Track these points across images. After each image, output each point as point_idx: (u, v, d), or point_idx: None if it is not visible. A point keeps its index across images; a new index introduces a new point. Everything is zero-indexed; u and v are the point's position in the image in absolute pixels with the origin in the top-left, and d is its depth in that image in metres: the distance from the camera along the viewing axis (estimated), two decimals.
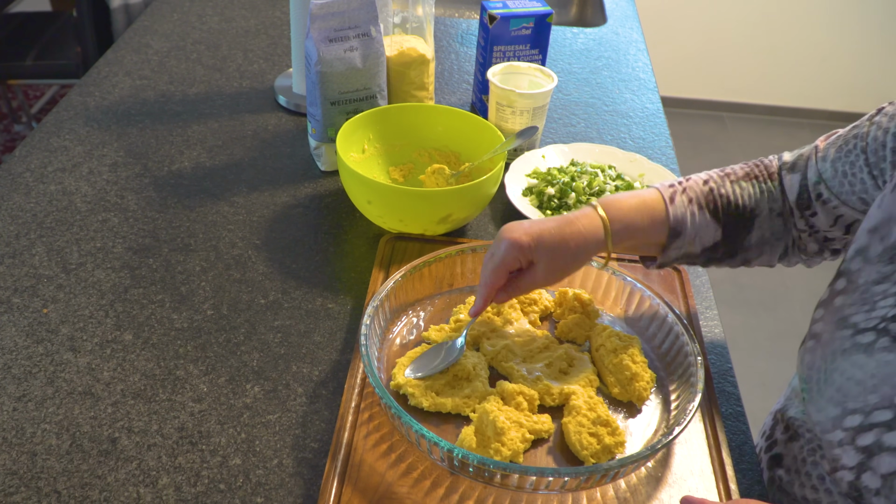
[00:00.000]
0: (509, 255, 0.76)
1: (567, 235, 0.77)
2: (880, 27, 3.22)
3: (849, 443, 0.66)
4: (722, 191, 0.81)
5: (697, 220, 0.80)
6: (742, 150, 3.30)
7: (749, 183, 0.82)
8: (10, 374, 0.80)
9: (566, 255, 0.77)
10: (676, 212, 0.79)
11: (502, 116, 1.14)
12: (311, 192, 1.09)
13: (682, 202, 0.80)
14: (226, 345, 0.85)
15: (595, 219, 0.78)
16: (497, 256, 0.77)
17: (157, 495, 0.70)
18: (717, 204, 0.80)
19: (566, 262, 0.78)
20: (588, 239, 0.77)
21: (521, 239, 0.76)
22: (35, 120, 2.97)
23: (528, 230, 0.76)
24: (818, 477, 0.72)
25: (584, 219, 0.78)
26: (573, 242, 0.77)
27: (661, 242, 0.80)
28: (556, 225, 0.77)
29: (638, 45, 1.58)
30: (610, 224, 0.77)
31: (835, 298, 0.70)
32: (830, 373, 0.68)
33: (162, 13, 1.56)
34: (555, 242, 0.76)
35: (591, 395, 0.78)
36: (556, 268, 0.78)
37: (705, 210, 0.80)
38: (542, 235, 0.76)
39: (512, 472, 0.66)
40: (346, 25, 1.03)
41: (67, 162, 1.12)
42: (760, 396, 2.19)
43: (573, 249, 0.77)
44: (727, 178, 0.82)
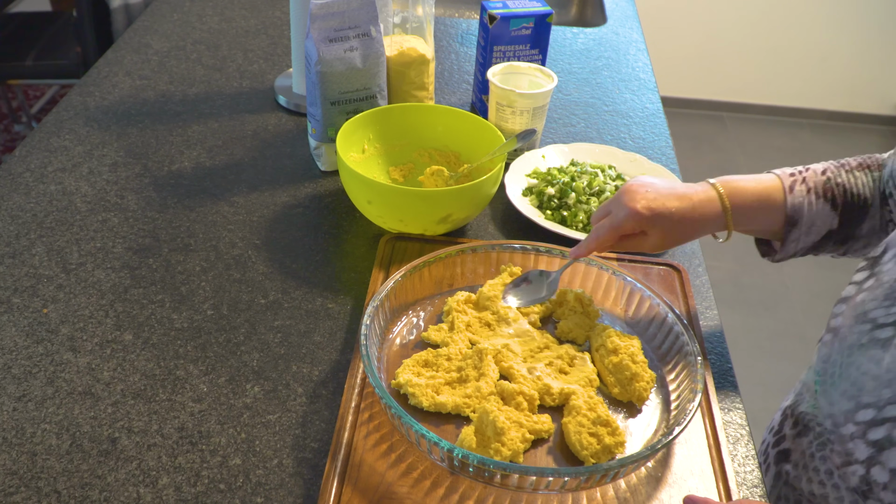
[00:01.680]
0: (627, 223, 0.80)
1: (686, 215, 0.80)
2: (880, 27, 3.22)
3: (860, 437, 0.66)
4: (839, 180, 0.82)
5: (815, 208, 0.81)
6: (742, 150, 3.30)
7: (862, 172, 0.83)
8: (10, 374, 0.80)
9: (681, 233, 0.81)
10: (794, 201, 0.81)
11: (502, 116, 1.14)
12: (311, 192, 1.09)
13: (800, 191, 0.82)
14: (226, 345, 0.85)
15: (715, 200, 0.80)
16: (616, 220, 0.80)
17: (157, 495, 0.70)
18: (834, 192, 0.82)
19: (679, 238, 0.82)
20: (706, 221, 0.81)
21: (642, 212, 0.79)
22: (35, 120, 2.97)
23: (651, 203, 0.79)
24: (826, 472, 0.72)
25: (704, 198, 0.80)
26: (690, 223, 0.80)
27: (778, 230, 0.83)
28: (676, 201, 0.80)
29: (638, 45, 1.58)
30: (731, 207, 0.80)
31: (858, 295, 0.71)
32: (846, 367, 0.68)
33: (162, 13, 1.56)
34: (673, 221, 0.80)
35: (591, 395, 0.78)
36: (668, 242, 0.83)
37: (822, 199, 0.82)
38: (661, 212, 0.79)
39: (512, 472, 0.66)
40: (346, 25, 1.03)
41: (67, 162, 1.12)
42: (760, 396, 2.19)
43: (689, 230, 0.81)
44: (842, 168, 0.84)
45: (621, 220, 0.80)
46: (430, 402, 0.76)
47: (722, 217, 0.81)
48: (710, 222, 0.81)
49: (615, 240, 0.82)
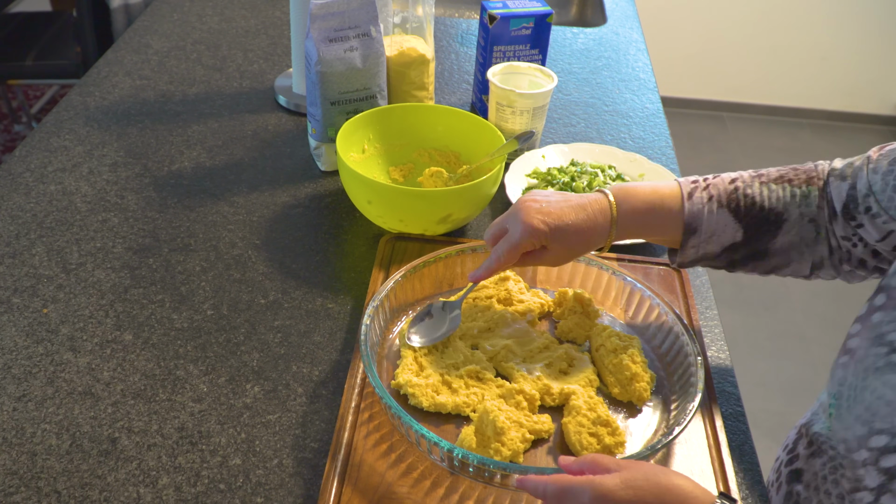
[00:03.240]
0: (526, 239, 0.78)
1: (582, 225, 0.78)
2: (880, 27, 3.22)
3: (872, 463, 0.64)
4: (748, 191, 0.80)
5: (715, 217, 0.79)
6: (742, 150, 3.30)
7: (780, 186, 0.80)
8: (10, 374, 0.80)
9: (580, 243, 0.80)
10: (693, 208, 0.79)
11: (502, 116, 1.14)
12: (311, 192, 1.09)
13: (700, 198, 0.80)
14: (226, 345, 0.85)
15: (606, 208, 0.79)
16: (513, 239, 0.78)
17: (157, 495, 0.70)
18: (739, 203, 0.79)
19: (579, 249, 0.81)
20: (600, 229, 0.79)
21: (539, 227, 0.77)
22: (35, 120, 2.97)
23: (546, 217, 0.78)
24: (838, 496, 0.70)
25: (596, 206, 0.79)
26: (587, 232, 0.79)
27: (677, 238, 0.81)
28: (573, 212, 0.79)
29: (638, 45, 1.58)
30: (618, 216, 0.79)
31: (873, 314, 0.68)
32: (861, 390, 0.66)
33: (162, 13, 1.56)
34: (571, 232, 0.78)
35: (591, 395, 0.78)
36: (568, 255, 0.82)
37: (725, 208, 0.79)
38: (560, 226, 0.78)
39: (512, 472, 0.66)
40: (346, 25, 1.03)
41: (67, 162, 1.12)
42: (760, 396, 2.19)
43: (586, 239, 0.79)
44: (758, 178, 0.81)
45: (519, 238, 0.78)
46: (430, 403, 0.76)
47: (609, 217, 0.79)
48: (603, 227, 0.79)
49: (515, 258, 0.80)
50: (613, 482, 0.59)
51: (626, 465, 0.61)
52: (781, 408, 2.15)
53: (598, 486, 0.59)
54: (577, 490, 0.59)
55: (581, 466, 0.62)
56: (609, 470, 0.60)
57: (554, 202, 0.79)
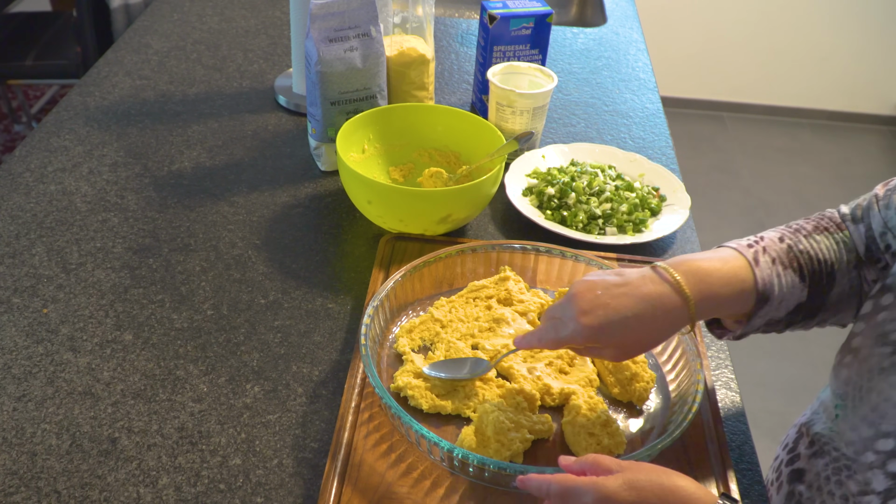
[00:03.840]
0: (576, 338, 0.68)
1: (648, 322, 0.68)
2: (880, 27, 3.22)
3: (879, 467, 0.64)
4: (801, 247, 0.73)
5: (783, 281, 0.72)
6: (742, 150, 3.30)
7: (822, 235, 0.75)
8: (10, 374, 0.80)
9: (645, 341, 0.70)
10: (764, 275, 0.71)
11: (502, 116, 1.14)
12: (311, 192, 1.09)
13: (766, 263, 0.72)
14: (226, 345, 0.85)
15: (676, 299, 0.68)
16: (563, 334, 0.69)
17: (157, 495, 0.70)
18: (800, 261, 0.72)
19: (643, 347, 0.71)
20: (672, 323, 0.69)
21: (594, 325, 0.67)
22: (35, 120, 2.97)
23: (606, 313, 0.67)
24: (841, 497, 0.69)
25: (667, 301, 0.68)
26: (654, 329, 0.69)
27: (747, 311, 0.72)
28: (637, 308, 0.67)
29: (638, 45, 1.58)
30: (694, 300, 0.68)
31: (879, 314, 0.67)
32: (867, 391, 0.65)
33: (162, 13, 1.56)
34: (634, 331, 0.68)
35: (591, 395, 0.78)
36: (629, 353, 0.71)
37: (790, 269, 0.72)
38: (619, 323, 0.67)
39: (512, 472, 0.66)
40: (346, 25, 1.03)
41: (67, 162, 1.12)
42: (760, 396, 2.19)
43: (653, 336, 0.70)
44: (799, 233, 0.75)
45: (569, 335, 0.68)
46: (429, 405, 0.76)
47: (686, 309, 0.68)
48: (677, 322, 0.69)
49: (556, 349, 0.73)
50: (616, 483, 0.59)
51: (628, 465, 0.61)
52: (781, 408, 2.15)
53: (601, 488, 0.58)
54: (581, 491, 0.59)
55: (582, 467, 0.62)
56: (610, 471, 0.60)
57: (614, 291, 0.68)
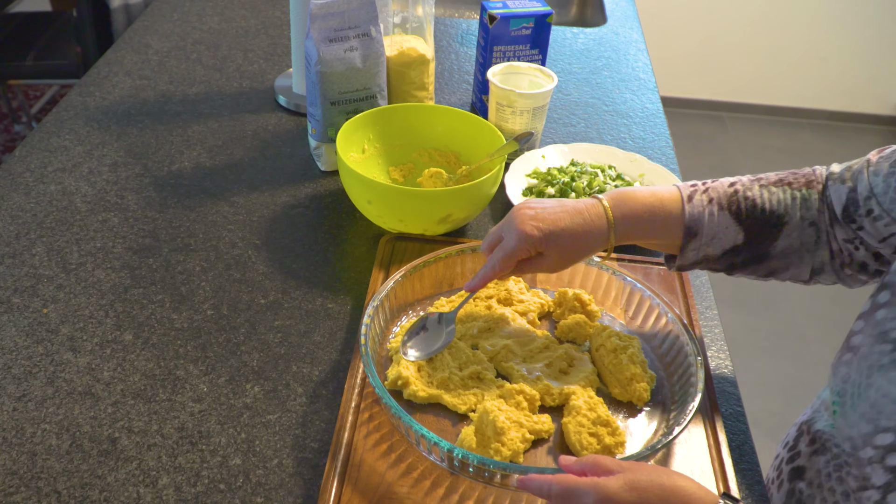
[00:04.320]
0: (520, 246, 0.77)
1: (578, 229, 0.78)
2: (880, 27, 3.22)
3: (878, 461, 0.64)
4: (748, 193, 0.79)
5: (717, 219, 0.78)
6: (742, 150, 3.30)
7: (780, 188, 0.79)
8: (10, 374, 0.80)
9: (576, 248, 0.79)
10: (693, 210, 0.78)
11: (502, 116, 1.14)
12: (311, 192, 1.09)
13: (700, 201, 0.78)
14: (226, 345, 0.85)
15: (602, 212, 0.78)
16: (507, 247, 0.78)
17: (157, 495, 0.70)
18: (740, 206, 0.78)
19: (576, 255, 0.80)
20: (597, 233, 0.78)
21: (532, 233, 0.77)
22: (35, 120, 2.97)
23: (541, 223, 0.77)
24: (842, 493, 0.70)
25: (592, 210, 0.78)
26: (583, 236, 0.78)
27: (678, 243, 0.79)
28: (567, 217, 0.78)
29: (638, 45, 1.58)
30: (615, 220, 0.78)
31: (876, 311, 0.67)
32: (866, 388, 0.66)
33: (162, 13, 1.56)
34: (566, 237, 0.77)
35: (591, 395, 0.78)
36: (565, 260, 0.80)
37: (726, 210, 0.78)
38: (554, 231, 0.77)
39: (512, 472, 0.66)
40: (346, 25, 1.03)
41: (67, 162, 1.12)
42: (760, 396, 2.19)
43: (583, 244, 0.78)
44: (757, 182, 0.80)
45: (514, 245, 0.78)
46: (426, 394, 0.76)
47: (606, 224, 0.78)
48: (600, 231, 0.78)
49: (511, 266, 0.80)
50: (617, 484, 0.59)
51: (629, 466, 0.61)
52: (781, 408, 2.15)
53: (601, 488, 0.58)
54: (582, 491, 0.59)
55: (582, 467, 0.62)
56: (611, 471, 0.60)
57: (549, 208, 0.79)
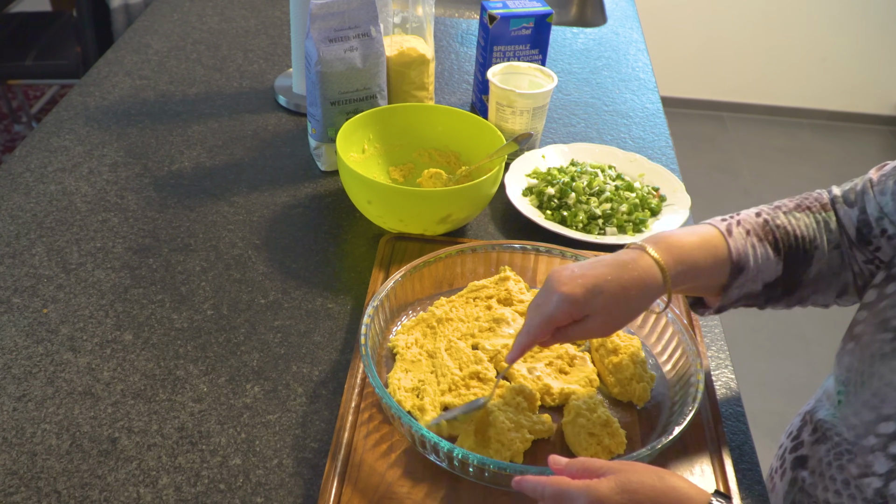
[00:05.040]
0: (561, 310, 0.68)
1: (626, 283, 0.69)
2: (880, 27, 3.22)
3: (881, 449, 0.64)
4: (777, 222, 0.75)
5: (759, 252, 0.73)
6: (742, 150, 3.30)
7: (803, 213, 0.76)
8: (10, 374, 0.80)
9: (627, 306, 0.70)
10: (737, 245, 0.73)
11: (502, 116, 1.14)
12: (311, 192, 1.09)
13: (740, 234, 0.74)
14: (226, 345, 0.85)
15: (649, 261, 0.70)
16: (547, 310, 0.69)
17: (157, 495, 0.70)
18: (775, 235, 0.74)
19: (626, 313, 0.71)
20: (648, 285, 0.69)
21: (574, 293, 0.68)
22: (35, 120, 2.97)
23: (583, 281, 0.68)
24: (843, 481, 0.70)
25: (639, 260, 0.70)
26: (634, 291, 0.69)
27: (723, 283, 0.74)
28: (612, 271, 0.69)
29: (638, 45, 1.58)
30: (666, 266, 0.70)
31: (882, 301, 0.68)
32: (869, 376, 0.66)
33: (162, 13, 1.56)
34: (613, 294, 0.68)
35: (591, 395, 0.78)
36: (615, 321, 0.71)
37: (765, 242, 0.74)
38: (598, 286, 0.68)
39: (512, 472, 0.66)
40: (346, 25, 1.03)
41: (67, 162, 1.12)
42: (760, 396, 2.19)
43: (634, 299, 0.69)
44: (779, 209, 0.77)
45: (553, 310, 0.68)
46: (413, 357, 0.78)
47: (660, 275, 0.70)
48: (652, 282, 0.70)
49: (550, 333, 0.70)
50: (609, 486, 0.59)
51: (620, 467, 0.61)
52: (781, 408, 2.15)
53: (593, 491, 0.58)
54: (573, 494, 0.59)
55: (570, 472, 0.62)
56: (601, 473, 0.60)
57: (588, 265, 0.70)
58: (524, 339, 0.71)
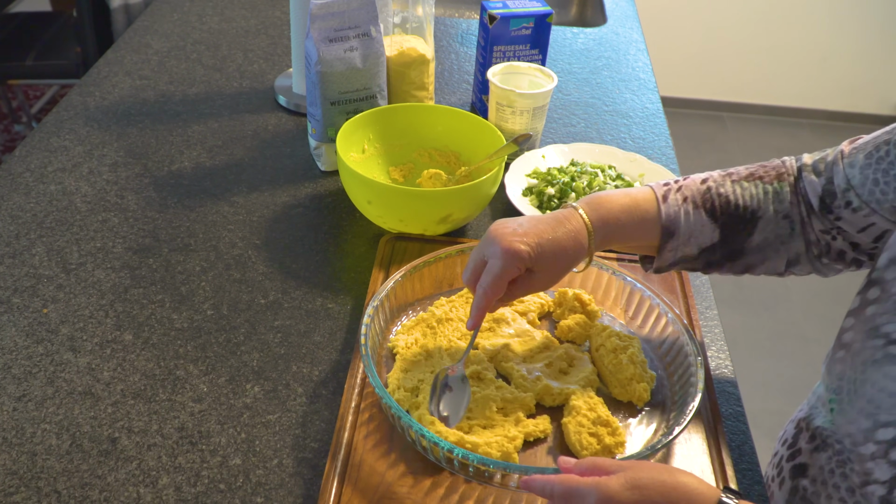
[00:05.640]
0: (509, 265, 0.72)
1: (563, 239, 0.74)
2: (880, 27, 3.22)
3: (881, 456, 0.64)
4: (721, 190, 0.78)
5: (692, 218, 0.77)
6: (742, 150, 3.30)
7: (751, 183, 0.78)
8: (10, 374, 0.80)
9: (565, 260, 0.75)
10: (669, 210, 0.77)
11: (502, 116, 1.14)
12: (311, 192, 1.09)
13: (675, 200, 0.77)
14: (226, 345, 0.85)
15: (580, 219, 0.75)
16: (496, 268, 0.73)
17: (157, 495, 0.70)
18: (714, 203, 0.77)
19: (565, 266, 0.76)
20: (580, 242, 0.75)
21: (520, 249, 0.72)
22: (35, 120, 2.97)
23: (526, 237, 0.73)
24: (847, 489, 0.69)
25: (571, 219, 0.75)
26: (570, 246, 0.74)
27: (655, 243, 0.79)
28: (549, 228, 0.74)
29: (638, 45, 1.58)
30: (592, 225, 0.75)
31: (866, 308, 0.67)
32: (861, 384, 0.66)
33: (162, 13, 1.56)
34: (554, 249, 0.74)
35: (591, 395, 0.78)
36: (556, 273, 0.76)
37: (701, 209, 0.77)
38: (541, 244, 0.73)
39: (512, 472, 0.66)
40: (346, 25, 1.03)
41: (67, 162, 1.12)
42: (760, 396, 2.19)
43: (570, 253, 0.75)
44: (728, 177, 0.79)
45: (502, 266, 0.72)
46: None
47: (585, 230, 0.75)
48: (584, 243, 0.75)
49: (502, 289, 0.74)
50: (618, 483, 0.58)
51: (629, 465, 0.60)
52: (781, 408, 2.15)
53: (603, 488, 0.58)
54: (584, 492, 0.59)
55: (581, 470, 0.62)
56: (610, 471, 0.60)
57: (527, 223, 0.75)
58: (482, 300, 0.74)
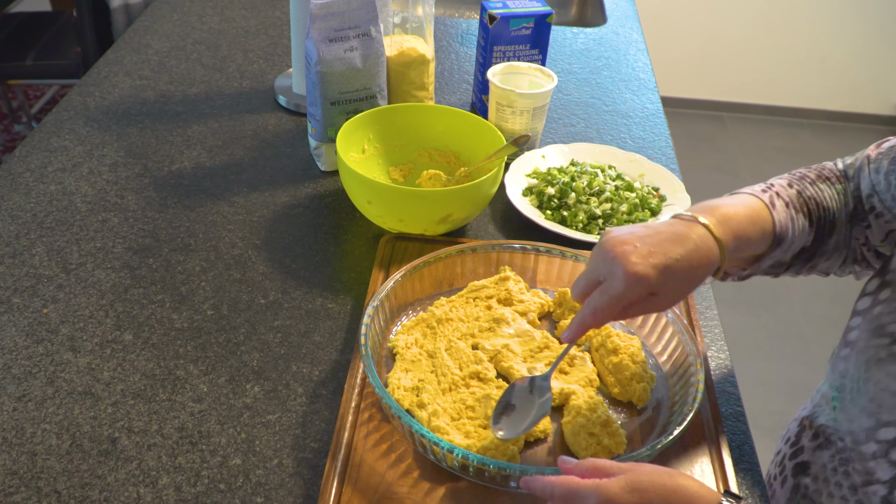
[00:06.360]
0: (631, 291, 0.65)
1: (693, 259, 0.66)
2: (880, 27, 3.22)
3: (882, 456, 0.64)
4: (808, 193, 0.75)
5: (797, 224, 0.73)
6: (742, 150, 3.30)
7: (825, 184, 0.76)
8: (10, 374, 0.80)
9: (693, 282, 0.68)
10: (780, 217, 0.72)
11: (502, 116, 1.14)
12: (311, 192, 1.09)
13: (782, 206, 0.73)
14: (226, 345, 0.85)
15: (704, 232, 0.68)
16: (615, 291, 0.65)
17: (157, 495, 0.70)
18: (808, 207, 0.74)
19: (691, 288, 0.69)
20: (712, 262, 0.68)
21: (647, 275, 0.64)
22: (35, 120, 2.97)
23: (651, 258, 0.65)
24: (849, 488, 0.69)
25: (696, 232, 0.67)
26: (700, 266, 0.67)
27: (760, 253, 0.73)
28: (676, 246, 0.66)
29: (638, 45, 1.58)
30: (724, 241, 0.68)
31: (875, 308, 0.68)
32: (864, 382, 0.66)
33: (162, 13, 1.56)
34: (683, 270, 0.66)
35: (591, 395, 0.78)
36: (681, 296, 0.69)
37: (801, 213, 0.73)
38: (668, 265, 0.65)
39: (512, 472, 0.66)
40: (346, 25, 1.03)
41: (67, 162, 1.12)
42: (760, 396, 2.19)
43: (700, 274, 0.68)
44: (804, 180, 0.76)
45: (622, 290, 0.65)
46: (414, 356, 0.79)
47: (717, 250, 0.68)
48: (714, 262, 0.68)
49: (616, 312, 0.67)
50: (619, 485, 0.58)
51: (629, 467, 0.60)
52: (781, 408, 2.15)
53: (603, 490, 0.58)
54: (584, 494, 0.59)
55: (581, 472, 0.62)
56: (610, 473, 0.60)
57: (648, 238, 0.66)
58: (590, 320, 0.67)
